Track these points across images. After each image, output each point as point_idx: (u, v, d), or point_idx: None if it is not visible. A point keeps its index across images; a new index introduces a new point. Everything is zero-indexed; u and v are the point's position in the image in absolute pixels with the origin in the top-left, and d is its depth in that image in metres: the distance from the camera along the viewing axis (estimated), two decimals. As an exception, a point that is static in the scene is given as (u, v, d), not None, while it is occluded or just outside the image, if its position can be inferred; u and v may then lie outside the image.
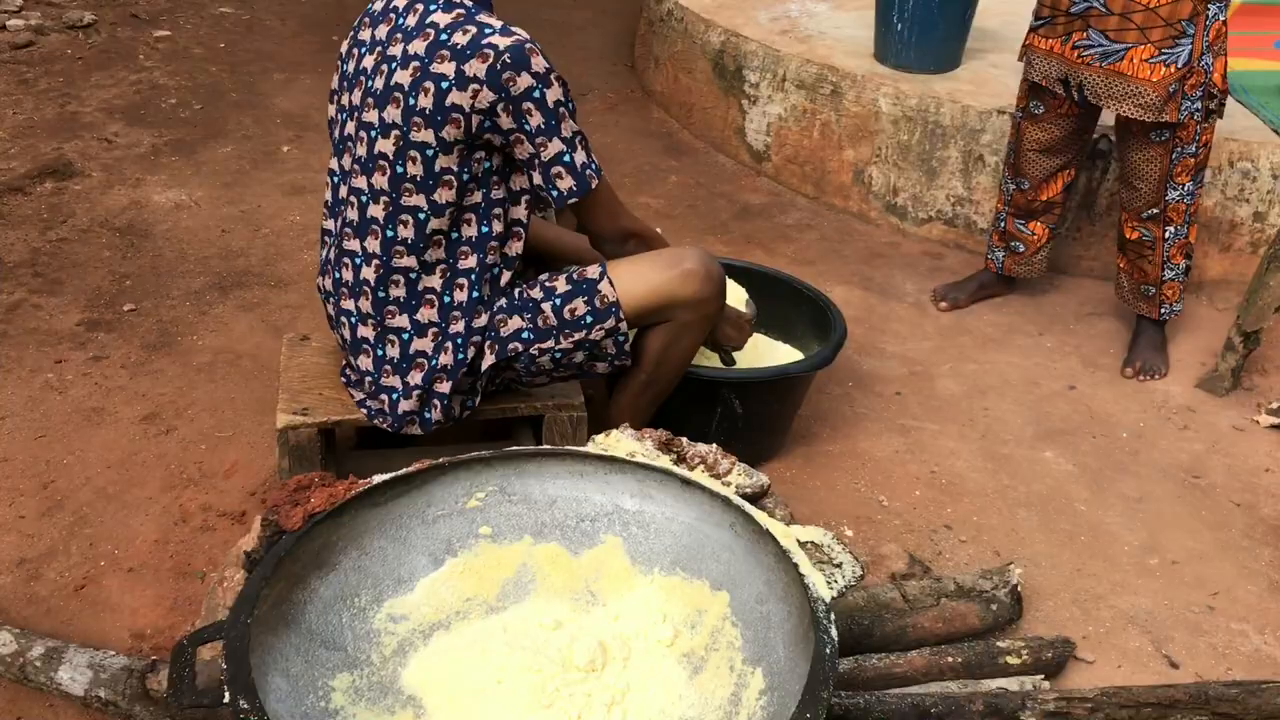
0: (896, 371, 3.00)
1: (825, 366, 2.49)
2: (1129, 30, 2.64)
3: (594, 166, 2.03)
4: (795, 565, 1.68)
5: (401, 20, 2.00)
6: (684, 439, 2.07)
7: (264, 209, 3.63)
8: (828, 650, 1.56)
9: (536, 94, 1.94)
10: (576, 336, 2.12)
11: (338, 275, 2.12)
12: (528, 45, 1.93)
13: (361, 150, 2.01)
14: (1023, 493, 2.58)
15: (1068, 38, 2.75)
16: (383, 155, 1.98)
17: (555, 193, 2.01)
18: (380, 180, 1.99)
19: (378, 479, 1.81)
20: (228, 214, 3.58)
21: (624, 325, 2.14)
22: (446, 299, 2.07)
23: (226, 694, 1.46)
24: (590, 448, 1.94)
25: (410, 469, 1.88)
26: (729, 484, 2.01)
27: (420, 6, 1.98)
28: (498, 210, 2.04)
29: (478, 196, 2.01)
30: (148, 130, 4.15)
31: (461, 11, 1.96)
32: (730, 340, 2.40)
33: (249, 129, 4.23)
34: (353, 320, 2.12)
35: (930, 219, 3.69)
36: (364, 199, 2.02)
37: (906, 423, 2.79)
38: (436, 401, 2.10)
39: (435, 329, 2.08)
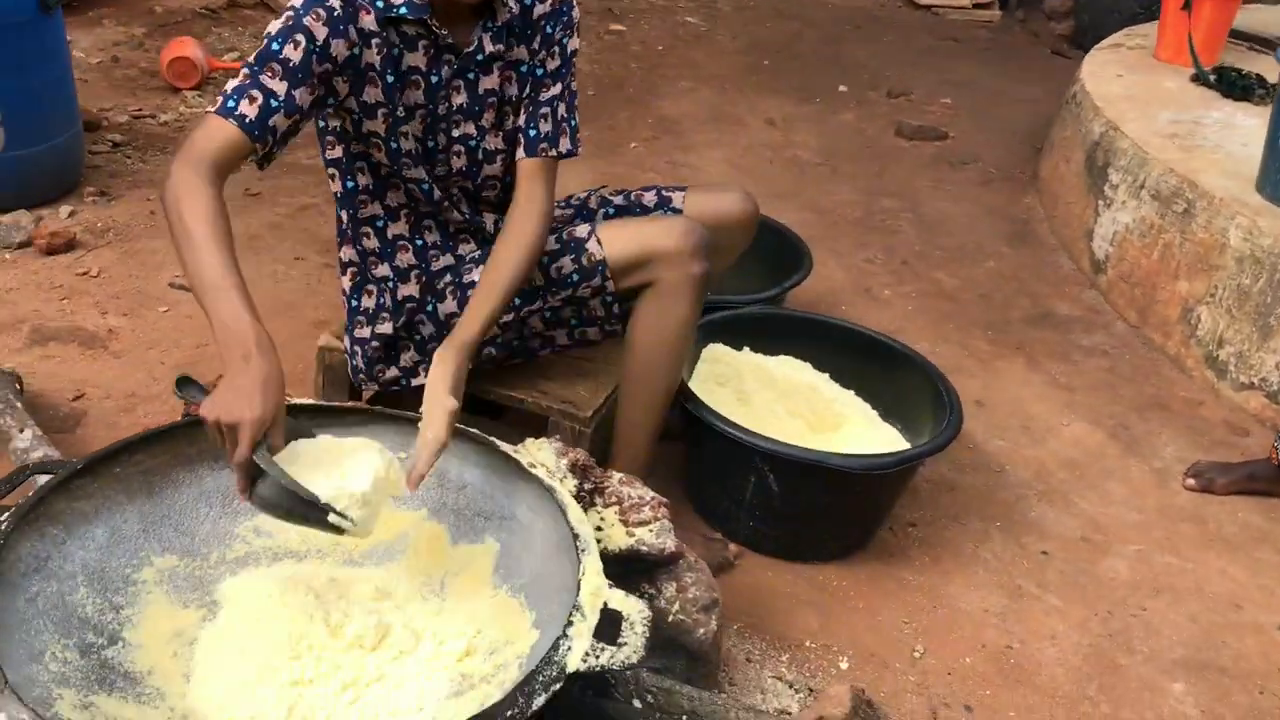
0: (1066, 530, 2.48)
1: (885, 469, 2.12)
2: None
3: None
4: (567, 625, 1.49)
5: None
6: (612, 472, 1.89)
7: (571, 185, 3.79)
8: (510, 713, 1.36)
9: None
10: (564, 294, 2.04)
11: None
12: None
13: None
14: (1103, 716, 2.02)
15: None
16: None
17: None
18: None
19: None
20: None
21: (610, 285, 2.03)
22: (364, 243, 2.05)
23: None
24: (516, 449, 1.83)
25: (344, 406, 1.91)
26: (632, 534, 1.80)
27: None
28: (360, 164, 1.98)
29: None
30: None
31: None
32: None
33: (617, 121, 4.44)
34: None
35: (1251, 385, 2.98)
36: None
37: (1025, 585, 2.30)
38: (358, 348, 2.09)
39: (354, 268, 2.08)
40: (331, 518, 1.51)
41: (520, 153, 1.99)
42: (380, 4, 1.78)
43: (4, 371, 2.36)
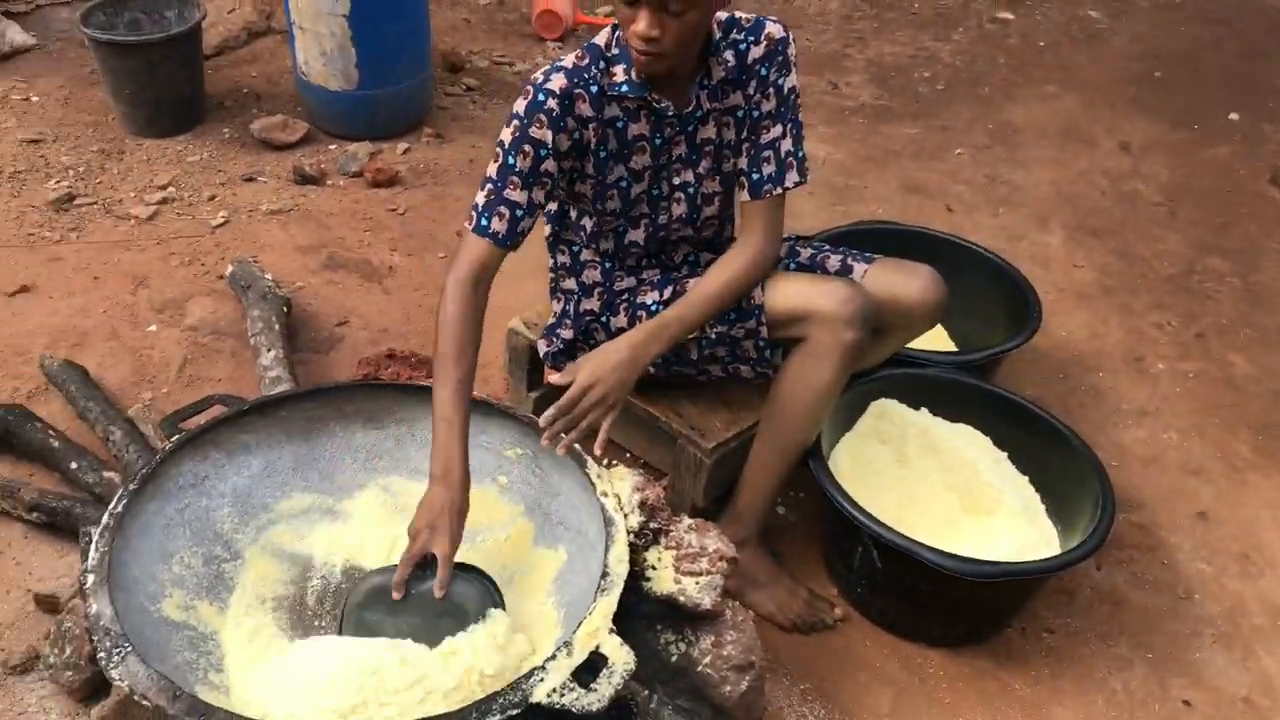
0: (1228, 684, 2.22)
1: (981, 577, 2.02)
2: None
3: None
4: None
5: None
6: (684, 517, 1.97)
7: (867, 189, 3.76)
8: None
9: None
10: (720, 329, 2.13)
11: None
12: None
13: None
14: None
15: None
16: None
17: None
18: None
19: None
20: (835, 183, 3.78)
21: (764, 330, 2.11)
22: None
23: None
24: (600, 473, 1.96)
25: (481, 397, 2.13)
26: (678, 581, 1.89)
27: None
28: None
29: None
30: (876, 87, 4.45)
31: None
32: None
33: (953, 121, 4.28)
34: None
35: None
36: None
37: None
38: (543, 343, 2.31)
39: (550, 275, 2.30)
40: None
41: (744, 195, 2.09)
42: (594, 89, 1.93)
43: (277, 295, 2.79)
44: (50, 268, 3.05)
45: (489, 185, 1.92)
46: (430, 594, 1.78)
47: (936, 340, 2.86)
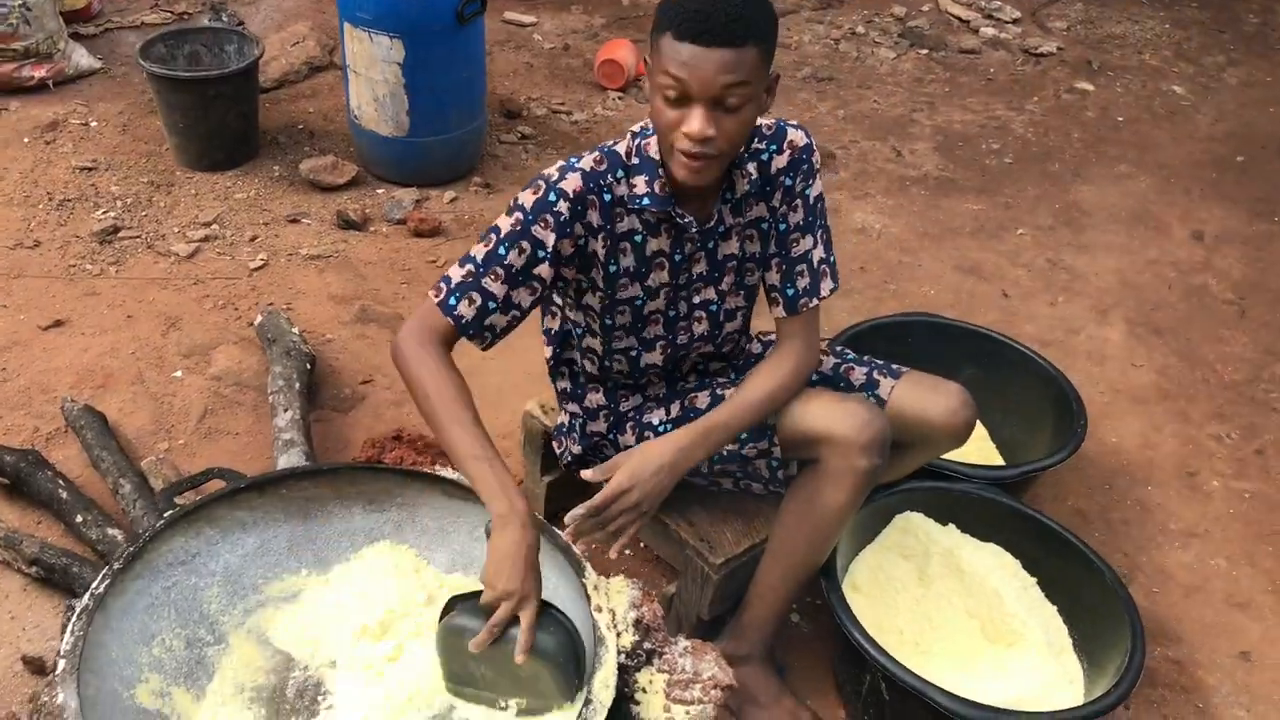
0: None
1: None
2: None
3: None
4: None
5: None
6: (680, 639, 1.88)
7: (920, 267, 3.64)
8: None
9: None
10: (730, 447, 2.03)
11: None
12: None
13: None
14: None
15: None
16: None
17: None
18: None
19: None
20: (887, 258, 3.68)
21: (776, 451, 2.01)
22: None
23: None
24: (596, 584, 1.88)
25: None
26: (668, 709, 1.80)
27: None
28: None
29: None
30: (940, 156, 4.33)
31: None
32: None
33: (1019, 198, 4.14)
34: None
35: None
36: None
37: None
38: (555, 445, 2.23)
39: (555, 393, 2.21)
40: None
41: (780, 310, 1.99)
42: (608, 198, 1.82)
43: (302, 352, 2.76)
44: (86, 303, 3.05)
45: (469, 266, 1.79)
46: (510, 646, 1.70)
47: (977, 444, 2.75)
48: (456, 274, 1.81)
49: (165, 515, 1.95)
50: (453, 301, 1.79)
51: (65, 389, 2.73)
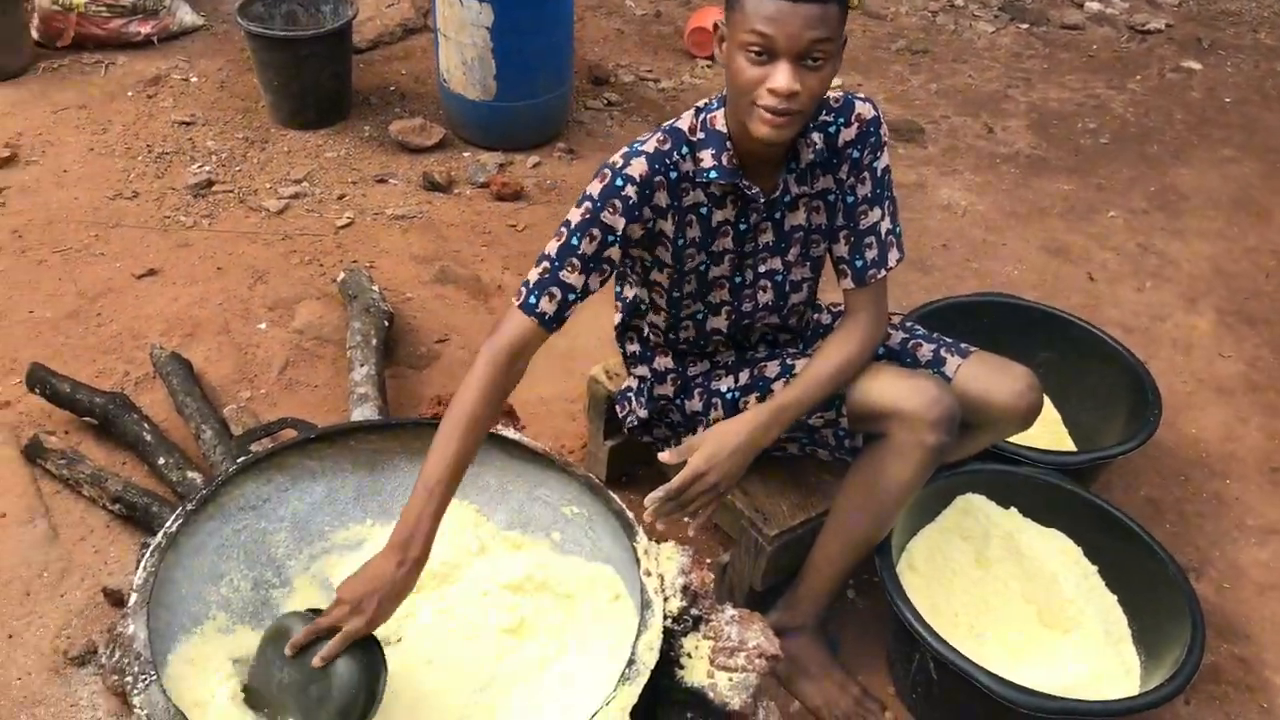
0: None
1: (1040, 711, 1.89)
2: None
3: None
4: None
5: None
6: (728, 607, 1.89)
7: (1005, 247, 3.58)
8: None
9: None
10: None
11: None
12: None
13: None
14: None
15: None
16: None
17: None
18: None
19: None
20: (971, 236, 3.62)
21: (844, 421, 2.01)
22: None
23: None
24: (647, 549, 1.91)
25: (544, 450, 2.10)
26: (711, 675, 1.82)
27: None
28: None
29: None
30: (1033, 135, 4.23)
31: None
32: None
33: (1113, 180, 4.03)
34: None
35: None
36: None
37: None
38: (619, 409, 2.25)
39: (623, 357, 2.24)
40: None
41: (848, 282, 2.00)
42: (674, 175, 1.82)
43: (381, 309, 2.83)
44: (178, 253, 3.16)
45: (544, 263, 1.82)
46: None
47: (1050, 427, 2.71)
48: (534, 274, 1.83)
49: (238, 461, 2.03)
50: (533, 300, 1.81)
51: (155, 336, 2.83)
